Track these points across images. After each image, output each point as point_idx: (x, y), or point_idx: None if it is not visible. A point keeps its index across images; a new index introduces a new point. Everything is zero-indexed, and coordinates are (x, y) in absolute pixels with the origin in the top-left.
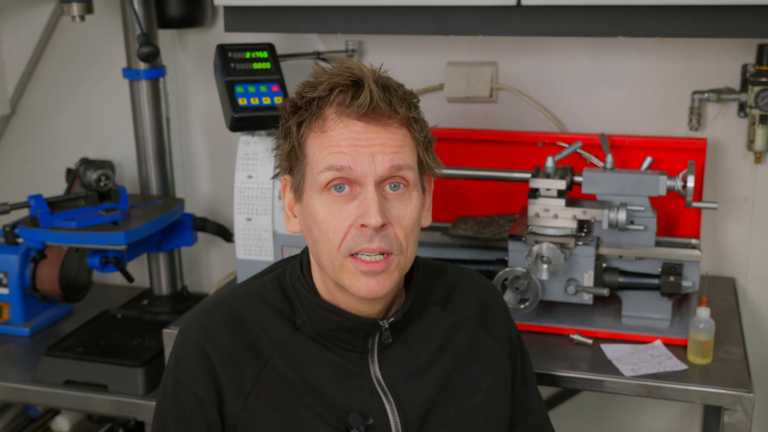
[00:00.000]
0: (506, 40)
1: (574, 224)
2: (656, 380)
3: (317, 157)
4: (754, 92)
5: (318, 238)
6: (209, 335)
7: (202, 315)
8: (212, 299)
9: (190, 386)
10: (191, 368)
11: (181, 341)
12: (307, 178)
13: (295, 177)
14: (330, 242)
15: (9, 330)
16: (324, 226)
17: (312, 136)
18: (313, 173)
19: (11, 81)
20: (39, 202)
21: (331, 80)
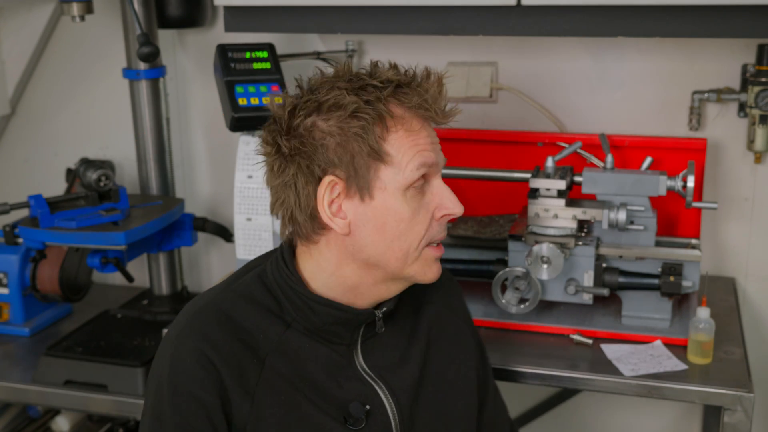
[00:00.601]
0: (506, 40)
1: (574, 224)
2: (656, 380)
3: (405, 156)
4: (754, 92)
5: (401, 233)
6: (206, 337)
7: (193, 319)
8: (196, 304)
9: (192, 392)
10: (191, 374)
11: (174, 347)
12: (387, 177)
13: (359, 177)
14: (416, 235)
15: (9, 330)
16: (413, 221)
17: (394, 136)
18: (399, 171)
19: (11, 81)
20: (39, 202)
21: (394, 77)
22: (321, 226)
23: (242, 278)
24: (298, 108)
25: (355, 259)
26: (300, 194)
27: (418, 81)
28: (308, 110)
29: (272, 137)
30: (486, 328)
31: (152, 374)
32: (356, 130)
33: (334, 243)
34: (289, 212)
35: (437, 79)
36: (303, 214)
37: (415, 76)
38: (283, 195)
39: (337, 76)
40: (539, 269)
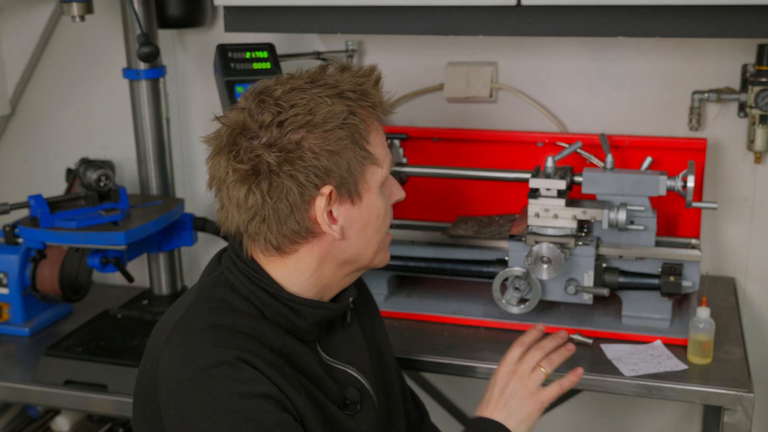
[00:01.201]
0: (506, 40)
1: (574, 224)
2: (656, 380)
3: (382, 152)
4: (754, 92)
5: (379, 227)
6: (237, 346)
7: (209, 337)
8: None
9: (258, 390)
10: (248, 377)
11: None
12: (370, 176)
13: (350, 181)
14: (387, 226)
15: (9, 330)
16: (386, 214)
17: (374, 133)
18: (377, 171)
19: (11, 81)
20: (39, 202)
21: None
22: (311, 234)
23: (211, 294)
24: (286, 122)
25: (336, 259)
26: (293, 208)
27: (371, 80)
28: (295, 125)
29: (252, 154)
30: (486, 328)
31: (190, 413)
32: (348, 137)
33: (317, 248)
34: (269, 227)
35: (377, 77)
36: (293, 226)
37: (370, 74)
38: (264, 211)
39: (307, 82)
40: (539, 269)
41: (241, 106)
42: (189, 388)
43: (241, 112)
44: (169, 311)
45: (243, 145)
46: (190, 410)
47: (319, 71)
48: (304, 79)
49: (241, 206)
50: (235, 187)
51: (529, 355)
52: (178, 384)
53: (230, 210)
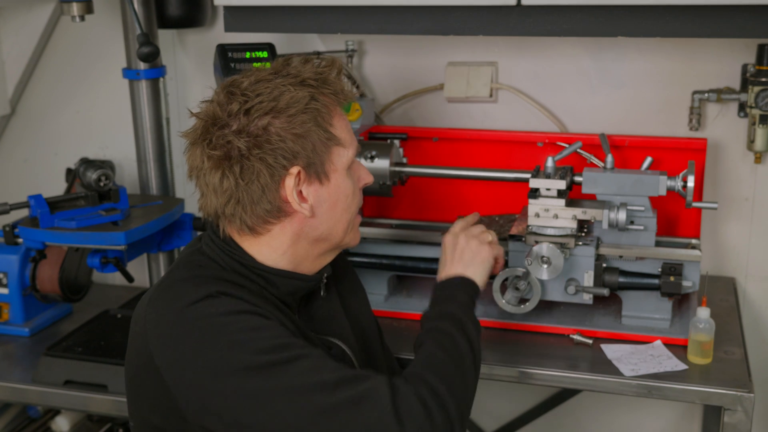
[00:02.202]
0: (506, 40)
1: (574, 224)
2: (656, 380)
3: (347, 136)
4: (754, 92)
5: (345, 209)
6: (220, 285)
7: (190, 282)
8: (173, 281)
9: (245, 308)
10: (234, 302)
11: (192, 302)
12: (336, 159)
13: (317, 162)
14: (356, 206)
15: (9, 330)
16: (353, 195)
17: (337, 119)
18: (343, 153)
19: (11, 81)
20: (39, 202)
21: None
22: (283, 213)
23: (189, 260)
24: (252, 109)
25: (308, 237)
26: (265, 188)
27: (333, 70)
28: (261, 111)
29: (223, 140)
30: (486, 328)
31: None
32: (311, 121)
33: (290, 226)
34: (244, 208)
35: (339, 67)
36: (266, 206)
37: (332, 65)
38: (238, 194)
39: (272, 74)
40: (539, 269)
41: (211, 99)
42: (178, 324)
43: (211, 104)
44: (145, 294)
45: (215, 133)
46: (184, 344)
47: (283, 64)
48: (269, 71)
49: (217, 191)
50: (211, 173)
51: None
52: (167, 325)
53: (208, 195)
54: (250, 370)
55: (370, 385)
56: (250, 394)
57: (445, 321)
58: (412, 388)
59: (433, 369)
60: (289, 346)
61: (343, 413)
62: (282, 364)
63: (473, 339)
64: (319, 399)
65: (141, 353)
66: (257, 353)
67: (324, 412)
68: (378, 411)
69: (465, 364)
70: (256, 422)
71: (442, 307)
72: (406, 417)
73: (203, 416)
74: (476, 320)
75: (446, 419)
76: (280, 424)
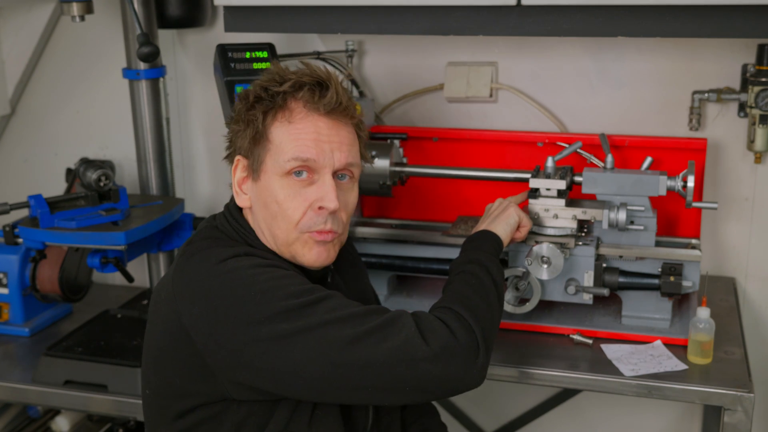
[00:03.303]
0: (506, 40)
1: (574, 224)
2: (656, 380)
3: (283, 146)
4: (754, 92)
5: (276, 214)
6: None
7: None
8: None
9: (274, 263)
10: (261, 260)
11: (220, 260)
12: (268, 162)
13: (253, 159)
14: (289, 219)
15: (9, 330)
16: (284, 205)
17: (278, 125)
18: (277, 159)
19: (11, 81)
20: (39, 202)
21: (299, 78)
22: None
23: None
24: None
25: (262, 228)
26: (231, 172)
27: (321, 83)
28: (241, 96)
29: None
30: None
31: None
32: (251, 116)
33: (250, 211)
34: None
35: (335, 81)
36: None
37: (321, 78)
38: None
39: (279, 69)
40: (539, 269)
41: None
42: (209, 280)
43: None
44: (161, 278)
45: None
46: (216, 298)
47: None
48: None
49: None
50: None
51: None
52: (198, 283)
53: None
54: (283, 314)
55: (394, 314)
56: (284, 336)
57: (471, 264)
58: (435, 314)
59: (458, 300)
60: (315, 290)
61: (372, 338)
62: (312, 305)
63: (497, 279)
64: (348, 330)
65: (166, 319)
66: (288, 297)
67: (354, 340)
68: (404, 333)
69: (490, 298)
70: (291, 362)
71: (468, 255)
72: (430, 335)
73: (234, 369)
74: (500, 266)
75: (471, 338)
76: (313, 360)
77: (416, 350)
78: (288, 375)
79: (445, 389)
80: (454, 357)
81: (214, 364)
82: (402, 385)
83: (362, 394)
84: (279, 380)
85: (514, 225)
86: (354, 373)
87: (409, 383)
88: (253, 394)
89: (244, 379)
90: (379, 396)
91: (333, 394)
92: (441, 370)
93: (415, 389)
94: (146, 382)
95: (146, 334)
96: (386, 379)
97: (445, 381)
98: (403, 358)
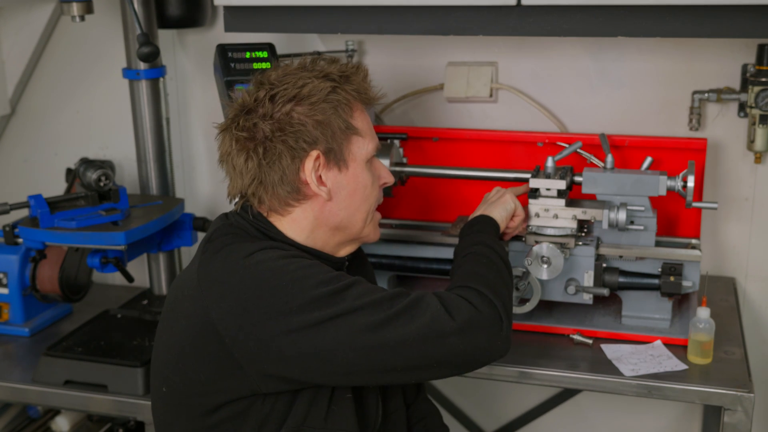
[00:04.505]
0: (506, 40)
1: (574, 224)
2: (656, 380)
3: (367, 129)
4: (754, 92)
5: (366, 198)
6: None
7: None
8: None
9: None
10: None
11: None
12: (355, 150)
13: (336, 150)
14: (374, 199)
15: (9, 330)
16: (371, 188)
17: (357, 114)
18: (363, 146)
19: (11, 81)
20: (39, 202)
21: (347, 69)
22: (303, 196)
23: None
24: (277, 96)
25: (328, 223)
26: (286, 170)
27: (359, 73)
28: (285, 98)
29: (250, 123)
30: None
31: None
32: (332, 109)
33: (310, 210)
34: (266, 189)
35: (364, 72)
36: (286, 187)
37: (357, 69)
38: (261, 174)
39: (298, 69)
40: (539, 269)
41: (244, 92)
42: (238, 273)
43: (242, 95)
44: (180, 276)
45: (242, 118)
46: (246, 290)
47: (311, 61)
48: (296, 67)
49: (242, 172)
50: (237, 155)
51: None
52: (227, 277)
53: (234, 178)
54: (315, 302)
55: (418, 294)
56: (316, 323)
57: (477, 246)
58: (455, 293)
59: (473, 278)
60: (342, 277)
61: (400, 319)
62: (341, 291)
63: (504, 256)
64: (378, 314)
65: (190, 315)
66: (318, 285)
67: (383, 323)
68: (431, 311)
69: (502, 273)
70: (323, 349)
71: (472, 238)
72: (455, 311)
73: (264, 360)
74: (502, 245)
75: (493, 311)
76: (345, 345)
77: (444, 326)
78: (319, 361)
79: (473, 361)
80: (479, 330)
81: (243, 357)
82: (431, 362)
83: (393, 374)
84: (309, 367)
85: (510, 211)
86: (385, 355)
87: (438, 358)
88: (281, 384)
89: (274, 369)
90: (409, 375)
91: (364, 377)
92: (468, 343)
93: (444, 365)
94: (163, 380)
95: (162, 332)
96: (416, 357)
97: (472, 353)
98: (431, 335)
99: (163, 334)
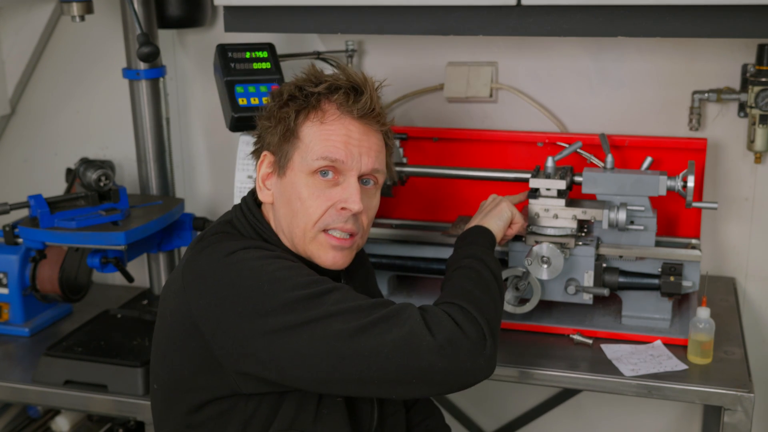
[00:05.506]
0: (506, 40)
1: (574, 224)
2: (656, 380)
3: (313, 145)
4: (754, 92)
5: (298, 211)
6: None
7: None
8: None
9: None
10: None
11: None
12: (296, 159)
13: (281, 155)
14: (309, 217)
15: (9, 330)
16: (306, 203)
17: (309, 124)
18: (305, 157)
19: (11, 81)
20: (39, 202)
21: (335, 81)
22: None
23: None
24: (275, 93)
25: (280, 228)
26: (256, 167)
27: (356, 88)
28: (273, 95)
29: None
30: None
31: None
32: (283, 114)
33: (271, 210)
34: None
35: (371, 86)
36: (258, 184)
37: (357, 83)
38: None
39: (314, 71)
40: (539, 269)
41: None
42: (218, 271)
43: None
44: (171, 273)
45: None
46: (224, 289)
47: (342, 68)
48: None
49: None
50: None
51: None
52: (207, 275)
53: None
54: (290, 305)
55: (400, 305)
56: (291, 327)
57: (467, 259)
58: (440, 308)
59: (460, 295)
60: (321, 281)
61: (377, 329)
62: (319, 296)
63: (495, 271)
64: (354, 321)
65: (175, 312)
66: (295, 288)
67: (359, 331)
68: (410, 324)
69: (491, 290)
70: (297, 353)
71: (464, 251)
72: (436, 327)
73: (241, 359)
74: (496, 259)
75: (477, 330)
76: (319, 351)
77: (421, 341)
78: (294, 366)
79: (454, 381)
80: (460, 350)
81: (221, 355)
82: (407, 377)
83: (369, 386)
84: (285, 371)
85: (506, 220)
86: (359, 364)
87: (414, 375)
88: (260, 385)
89: (250, 369)
90: (386, 389)
91: (339, 386)
92: (447, 363)
93: (422, 381)
94: (154, 377)
95: (155, 330)
96: (391, 370)
97: (452, 372)
98: (406, 348)
99: (155, 331)
